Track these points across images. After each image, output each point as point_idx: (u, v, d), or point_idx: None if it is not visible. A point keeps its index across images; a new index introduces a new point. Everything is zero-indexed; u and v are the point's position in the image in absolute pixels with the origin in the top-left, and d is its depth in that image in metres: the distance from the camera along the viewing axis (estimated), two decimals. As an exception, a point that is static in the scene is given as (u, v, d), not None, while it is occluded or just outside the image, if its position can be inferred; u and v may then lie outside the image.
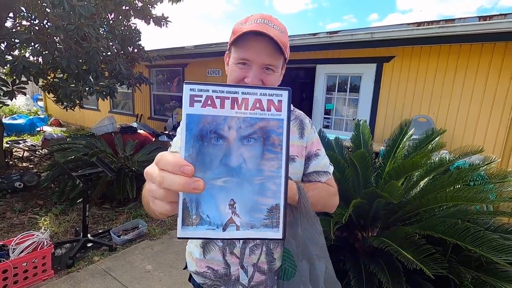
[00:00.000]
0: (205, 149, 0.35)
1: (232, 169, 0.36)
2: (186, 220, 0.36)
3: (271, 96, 0.36)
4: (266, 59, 0.72)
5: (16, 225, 3.08)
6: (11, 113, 9.52)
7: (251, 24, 0.72)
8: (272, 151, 0.36)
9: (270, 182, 0.36)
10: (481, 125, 3.48)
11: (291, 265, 0.86)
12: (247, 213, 0.36)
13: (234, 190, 0.36)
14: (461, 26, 3.09)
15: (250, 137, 0.36)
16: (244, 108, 0.36)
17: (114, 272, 2.42)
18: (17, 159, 5.37)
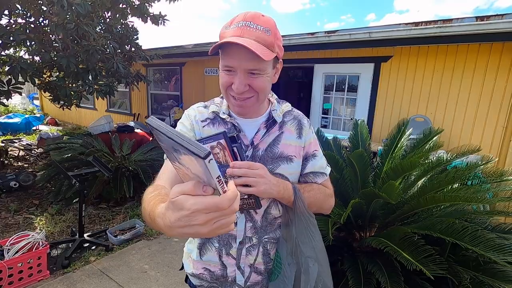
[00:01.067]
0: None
1: None
2: None
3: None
4: (249, 65, 0.71)
5: (11, 225, 3.05)
6: (6, 111, 9.43)
7: (233, 28, 0.71)
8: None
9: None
10: (478, 124, 3.49)
11: (278, 267, 0.86)
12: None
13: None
14: (458, 26, 3.10)
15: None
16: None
17: (111, 273, 2.40)
18: (13, 158, 5.32)
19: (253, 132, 0.85)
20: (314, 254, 0.84)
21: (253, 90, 0.75)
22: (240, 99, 0.76)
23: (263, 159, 0.83)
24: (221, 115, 0.85)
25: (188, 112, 0.90)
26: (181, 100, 6.98)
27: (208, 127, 0.86)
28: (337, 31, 4.07)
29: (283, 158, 0.84)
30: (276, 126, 0.86)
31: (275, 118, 0.86)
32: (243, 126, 0.85)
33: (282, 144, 0.85)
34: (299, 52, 4.67)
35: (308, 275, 0.83)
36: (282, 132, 0.86)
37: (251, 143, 0.83)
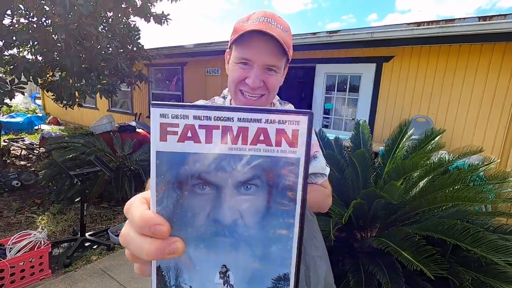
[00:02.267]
0: (185, 200, 0.25)
1: (224, 226, 0.26)
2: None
3: (283, 123, 0.24)
4: (268, 60, 0.70)
5: (13, 224, 3.06)
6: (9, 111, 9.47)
7: (253, 22, 0.70)
8: (281, 203, 0.26)
9: (277, 245, 0.26)
10: (480, 125, 3.48)
11: None
12: (244, 284, 0.27)
13: (226, 253, 0.26)
14: (460, 26, 3.09)
15: (249, 184, 0.25)
16: (242, 142, 0.25)
17: (112, 272, 2.41)
18: (15, 157, 5.35)
19: None
20: (319, 252, 0.84)
21: (266, 88, 0.73)
22: (251, 97, 0.74)
23: None
24: None
25: None
26: (182, 100, 6.99)
27: None
28: (339, 31, 4.06)
29: None
30: None
31: None
32: None
33: None
34: (301, 52, 4.67)
35: (317, 274, 0.83)
36: None
37: None
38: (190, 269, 0.26)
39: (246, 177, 0.25)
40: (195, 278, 0.26)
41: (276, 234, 0.26)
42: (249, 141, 0.24)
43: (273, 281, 0.27)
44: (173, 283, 0.26)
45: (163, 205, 0.25)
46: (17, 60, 3.13)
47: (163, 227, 0.24)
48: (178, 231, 0.25)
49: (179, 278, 0.26)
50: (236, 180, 0.25)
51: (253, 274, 0.27)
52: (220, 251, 0.26)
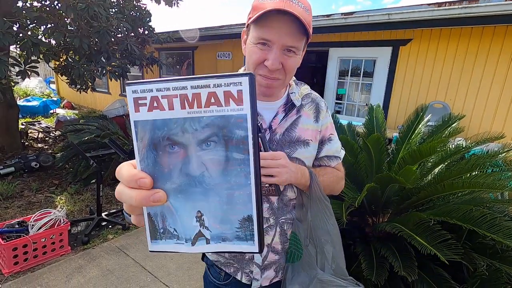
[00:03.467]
0: (161, 158, 0.31)
1: (194, 178, 0.31)
2: (154, 234, 0.33)
3: (228, 86, 0.28)
4: (289, 40, 0.67)
5: (34, 203, 3.20)
6: (25, 95, 9.69)
7: (273, 0, 0.66)
8: (236, 154, 0.30)
9: (238, 190, 0.30)
10: (501, 111, 3.35)
11: (298, 248, 0.87)
12: (217, 225, 0.32)
13: (199, 201, 0.31)
14: (485, 6, 2.93)
15: (209, 140, 0.30)
16: (197, 106, 0.29)
17: (128, 250, 2.51)
18: (33, 140, 5.51)
19: (271, 116, 0.82)
20: (330, 237, 0.85)
21: (283, 71, 0.72)
22: (269, 79, 0.72)
23: (280, 143, 0.81)
24: None
25: None
26: (193, 84, 6.99)
27: None
28: (355, 13, 3.92)
29: (300, 142, 0.83)
30: (294, 110, 0.83)
31: (294, 101, 0.83)
32: (260, 110, 0.82)
33: (300, 128, 0.83)
34: (314, 35, 4.52)
35: (324, 254, 0.84)
36: (300, 116, 0.84)
37: (269, 127, 0.81)
38: (173, 215, 0.32)
39: (205, 135, 0.30)
40: (177, 222, 0.32)
41: (236, 182, 0.30)
42: (203, 105, 0.29)
43: (240, 222, 0.31)
44: (161, 226, 0.33)
45: (145, 164, 0.31)
46: (26, 36, 3.15)
47: (145, 180, 0.31)
48: (160, 185, 0.31)
49: (165, 222, 0.33)
50: (197, 138, 0.30)
51: (223, 217, 0.31)
52: (194, 200, 0.31)
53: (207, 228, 0.32)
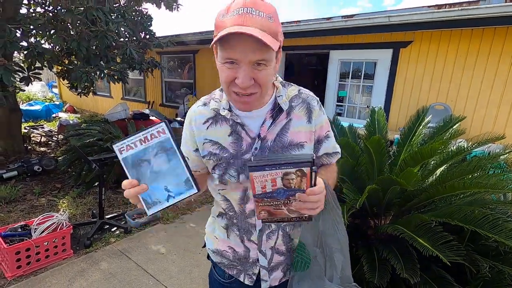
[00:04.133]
0: (139, 170, 0.65)
1: (158, 172, 0.65)
2: (148, 206, 0.67)
3: (158, 129, 0.63)
4: (254, 56, 0.65)
5: (36, 207, 3.21)
6: (28, 99, 9.76)
7: (232, 16, 0.64)
8: (172, 154, 0.64)
9: (178, 170, 0.65)
10: (503, 112, 3.35)
11: (305, 257, 0.86)
12: (175, 188, 0.66)
13: (164, 181, 0.65)
14: (485, 8, 2.94)
15: (157, 153, 0.64)
16: (146, 142, 0.63)
17: (130, 253, 2.51)
18: (35, 144, 5.55)
19: (259, 123, 0.80)
20: (340, 245, 0.84)
21: (257, 85, 0.69)
22: (244, 95, 0.71)
23: (272, 150, 0.80)
24: (221, 111, 0.80)
25: (189, 115, 0.86)
26: (194, 88, 7.02)
27: (212, 127, 0.82)
28: (355, 15, 3.94)
29: (293, 146, 0.81)
30: (283, 114, 0.80)
31: (281, 105, 0.80)
32: (246, 120, 0.80)
33: (291, 132, 0.81)
34: (314, 38, 4.56)
35: (333, 262, 0.84)
36: (290, 119, 0.81)
37: (258, 136, 0.79)
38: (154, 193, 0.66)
39: (155, 152, 0.64)
40: (157, 195, 0.66)
41: (175, 165, 0.65)
42: (149, 141, 0.64)
43: (184, 181, 0.66)
44: (150, 201, 0.66)
45: (133, 174, 0.65)
46: (31, 45, 3.19)
47: (134, 182, 0.65)
48: (143, 182, 0.65)
49: (152, 198, 0.66)
50: (152, 154, 0.64)
51: (177, 184, 0.66)
52: (160, 182, 0.66)
53: (171, 191, 0.66)
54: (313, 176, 0.63)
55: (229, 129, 0.80)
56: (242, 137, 0.80)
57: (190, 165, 0.86)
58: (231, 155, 0.80)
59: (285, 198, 0.66)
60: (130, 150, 0.63)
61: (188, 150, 0.86)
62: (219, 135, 0.81)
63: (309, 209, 0.67)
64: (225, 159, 0.81)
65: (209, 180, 0.92)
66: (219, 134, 0.81)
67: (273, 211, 0.69)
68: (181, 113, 6.66)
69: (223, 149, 0.81)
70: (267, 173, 0.61)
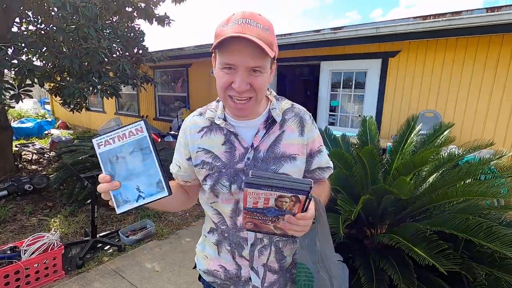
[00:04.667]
0: (114, 166, 0.66)
1: (132, 170, 0.65)
2: (117, 204, 0.66)
3: (137, 126, 0.65)
4: (252, 62, 0.69)
5: (27, 227, 3.13)
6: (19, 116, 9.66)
7: (232, 25, 0.69)
8: (147, 154, 0.65)
9: (151, 170, 0.65)
10: (490, 118, 3.42)
11: (308, 277, 0.85)
12: (147, 189, 0.65)
13: (137, 180, 0.65)
14: (468, 18, 3.04)
15: (134, 151, 0.65)
16: (124, 139, 0.65)
17: (124, 272, 2.44)
18: (26, 162, 5.46)
19: (252, 133, 0.82)
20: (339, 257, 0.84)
21: (253, 90, 0.73)
22: (240, 101, 0.74)
23: (265, 161, 0.81)
24: (216, 120, 0.83)
25: (184, 125, 0.88)
26: (188, 101, 7.04)
27: (206, 136, 0.84)
28: (344, 27, 4.03)
29: (285, 158, 0.82)
30: (276, 125, 0.83)
31: (274, 117, 0.83)
32: (239, 130, 0.82)
33: (284, 144, 0.83)
34: (305, 49, 4.65)
35: (339, 279, 0.83)
36: (283, 131, 0.84)
37: (251, 146, 0.81)
38: (125, 192, 0.66)
39: (131, 149, 0.65)
40: (128, 194, 0.66)
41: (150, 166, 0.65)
42: (127, 137, 0.65)
43: (156, 183, 0.65)
44: (120, 200, 0.66)
45: (107, 170, 0.66)
46: (21, 62, 3.18)
47: (107, 177, 0.65)
48: (116, 179, 0.66)
49: (122, 196, 0.66)
50: (128, 152, 0.65)
51: (148, 183, 0.66)
52: (133, 181, 0.66)
53: (142, 192, 0.66)
54: (307, 203, 0.64)
55: (223, 138, 0.83)
56: (235, 147, 0.82)
57: (182, 174, 0.89)
58: (223, 164, 0.81)
59: (274, 216, 0.66)
60: (108, 145, 0.64)
61: (180, 159, 0.87)
62: (213, 144, 0.83)
63: (295, 231, 0.68)
64: (217, 168, 0.81)
65: (201, 193, 0.92)
66: (213, 143, 0.83)
67: (260, 224, 0.70)
68: (175, 126, 6.65)
69: (216, 158, 0.82)
70: (262, 192, 0.61)
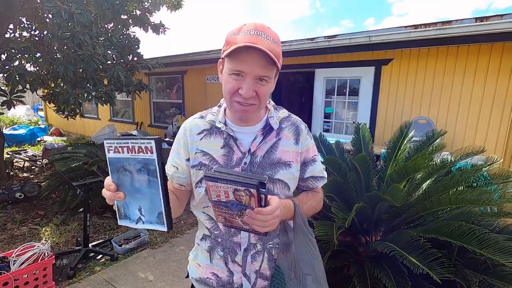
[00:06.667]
0: (120, 177, 0.64)
1: (136, 189, 0.64)
2: (120, 216, 0.68)
3: (147, 144, 0.60)
4: (260, 71, 0.73)
5: (17, 236, 3.06)
6: (11, 123, 9.54)
7: (244, 35, 0.72)
8: (153, 179, 0.62)
9: (155, 198, 0.63)
10: (482, 125, 3.47)
11: (281, 282, 0.86)
12: (147, 215, 0.65)
13: (140, 201, 0.65)
14: (458, 27, 3.11)
15: (141, 170, 0.62)
16: (134, 152, 0.62)
17: (116, 282, 2.40)
18: (18, 169, 5.37)
19: (250, 139, 0.86)
20: (314, 272, 0.83)
21: (257, 97, 0.77)
22: (244, 105, 0.77)
23: (261, 166, 0.84)
24: (217, 124, 0.86)
25: (184, 126, 0.91)
26: (183, 108, 7.03)
27: (205, 138, 0.86)
28: (337, 36, 4.09)
29: (281, 164, 0.85)
30: (273, 133, 0.87)
31: (272, 125, 0.87)
32: (239, 135, 0.86)
33: (280, 150, 0.86)
34: (300, 57, 4.70)
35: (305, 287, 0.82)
36: (280, 138, 0.87)
37: (248, 151, 0.84)
38: (127, 208, 0.67)
39: (138, 167, 0.63)
40: (129, 211, 0.67)
41: (154, 192, 0.63)
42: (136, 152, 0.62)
43: (157, 214, 0.65)
44: (122, 212, 0.68)
45: (115, 178, 0.65)
46: (10, 67, 3.15)
47: (112, 186, 0.66)
48: (120, 189, 0.65)
49: (124, 210, 0.67)
50: (135, 169, 0.63)
51: (150, 211, 0.65)
52: (137, 200, 0.65)
53: (143, 215, 0.66)
54: (263, 197, 0.66)
55: (222, 142, 0.85)
56: (233, 151, 0.84)
57: (179, 175, 0.90)
58: (220, 167, 0.83)
59: (238, 210, 0.69)
60: (117, 153, 0.63)
61: (179, 160, 0.89)
62: (212, 146, 0.85)
63: (258, 226, 0.69)
64: None
65: (192, 200, 0.94)
66: (212, 145, 0.85)
67: (229, 218, 0.72)
68: (170, 133, 6.62)
69: (213, 160, 0.84)
70: (219, 185, 0.64)
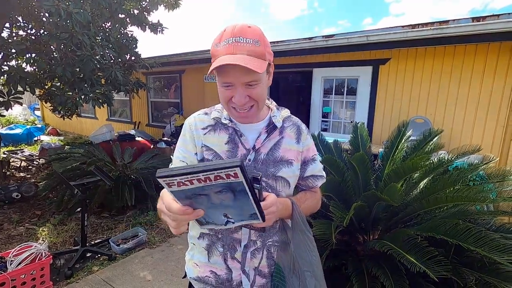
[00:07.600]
0: (194, 200, 0.60)
1: (218, 204, 0.62)
2: (201, 223, 0.70)
3: (229, 171, 0.52)
4: (246, 79, 0.75)
5: (14, 237, 3.04)
6: (8, 123, 9.48)
7: (224, 45, 0.74)
8: (241, 195, 0.59)
9: (245, 206, 0.63)
10: (478, 124, 3.49)
11: (282, 280, 0.86)
12: (236, 217, 0.67)
13: (225, 210, 0.65)
14: (455, 27, 3.12)
15: (222, 191, 0.58)
16: (209, 181, 0.54)
17: (114, 282, 2.39)
18: (15, 169, 5.34)
19: (254, 136, 0.88)
20: (312, 269, 0.84)
21: (252, 99, 0.79)
22: (242, 110, 0.80)
23: (265, 163, 0.86)
24: (223, 120, 0.88)
25: (189, 121, 0.92)
26: (181, 107, 7.02)
27: (210, 134, 0.88)
28: (335, 35, 4.10)
29: (284, 162, 0.88)
30: (276, 131, 0.89)
31: (275, 123, 0.89)
32: (244, 131, 0.87)
33: (283, 149, 0.88)
34: (298, 57, 4.70)
35: (305, 284, 0.83)
36: (283, 137, 0.90)
37: (253, 147, 0.86)
38: (209, 216, 0.67)
39: (216, 190, 0.58)
40: (212, 219, 0.68)
41: (243, 203, 0.62)
42: (213, 180, 0.55)
43: (250, 215, 0.66)
44: (204, 221, 0.69)
45: (184, 204, 0.62)
46: (13, 70, 3.14)
47: (189, 210, 0.62)
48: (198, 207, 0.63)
49: (206, 219, 0.68)
50: (213, 191, 0.58)
51: (239, 214, 0.66)
52: (221, 210, 0.65)
53: (231, 219, 0.67)
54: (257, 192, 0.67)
55: (227, 137, 0.87)
56: (238, 147, 0.86)
57: None
58: None
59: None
60: (183, 186, 0.54)
61: (187, 154, 0.89)
62: (216, 142, 0.87)
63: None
64: None
65: None
66: (216, 141, 0.87)
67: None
68: (168, 133, 6.61)
69: (217, 156, 0.86)
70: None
